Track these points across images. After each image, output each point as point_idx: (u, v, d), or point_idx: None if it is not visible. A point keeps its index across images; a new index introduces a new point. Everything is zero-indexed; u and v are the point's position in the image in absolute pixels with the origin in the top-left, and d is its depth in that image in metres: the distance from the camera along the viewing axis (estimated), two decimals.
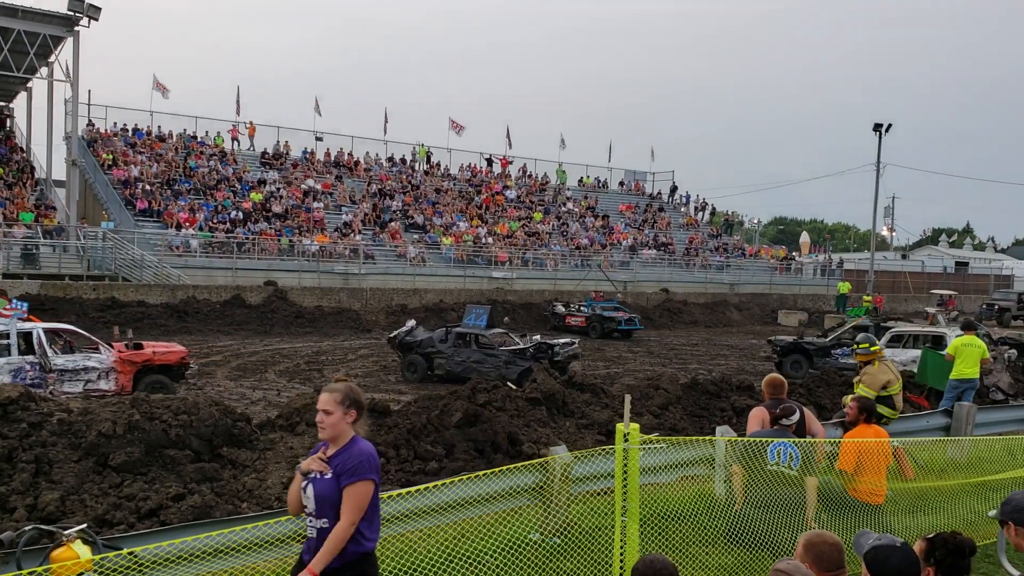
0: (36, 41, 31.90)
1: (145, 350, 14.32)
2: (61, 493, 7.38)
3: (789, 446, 6.55)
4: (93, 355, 13.73)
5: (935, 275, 60.25)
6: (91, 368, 13.57)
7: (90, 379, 13.53)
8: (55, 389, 12.93)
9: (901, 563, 3.28)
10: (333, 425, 3.97)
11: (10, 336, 12.95)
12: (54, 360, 13.23)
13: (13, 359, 12.86)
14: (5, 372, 12.68)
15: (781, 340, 20.92)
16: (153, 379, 14.08)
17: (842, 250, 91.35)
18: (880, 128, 45.60)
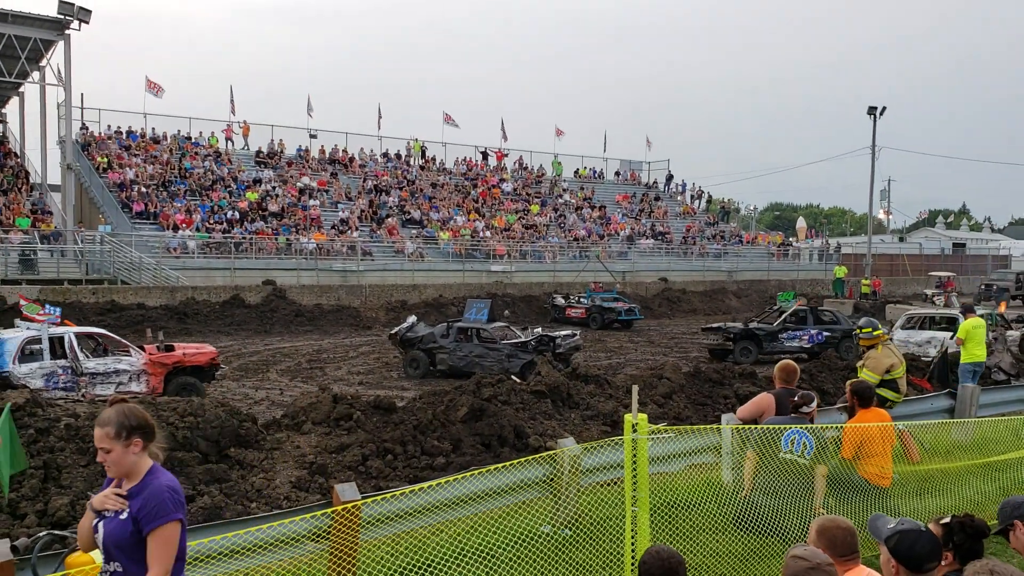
0: (27, 45, 31.79)
1: (176, 352, 14.44)
2: (71, 498, 7.39)
3: (804, 435, 6.56)
4: (124, 358, 13.86)
5: (933, 257, 60.32)
6: (122, 371, 13.69)
7: (121, 381, 13.63)
8: (87, 392, 13.09)
9: (928, 547, 3.30)
10: (117, 462, 3.41)
11: (42, 341, 13.09)
12: (85, 364, 13.35)
13: (45, 363, 13.02)
14: (38, 376, 12.85)
15: (732, 327, 21.36)
16: (183, 380, 14.20)
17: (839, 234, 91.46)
18: (874, 111, 45.61)
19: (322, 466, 8.59)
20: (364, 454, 8.97)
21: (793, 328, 21.19)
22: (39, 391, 12.00)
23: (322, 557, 5.68)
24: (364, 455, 8.96)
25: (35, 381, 12.72)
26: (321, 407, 9.84)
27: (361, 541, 5.77)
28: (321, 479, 8.39)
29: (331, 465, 8.69)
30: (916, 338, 18.99)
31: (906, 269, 54.70)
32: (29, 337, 13.15)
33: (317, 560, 5.70)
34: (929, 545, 3.31)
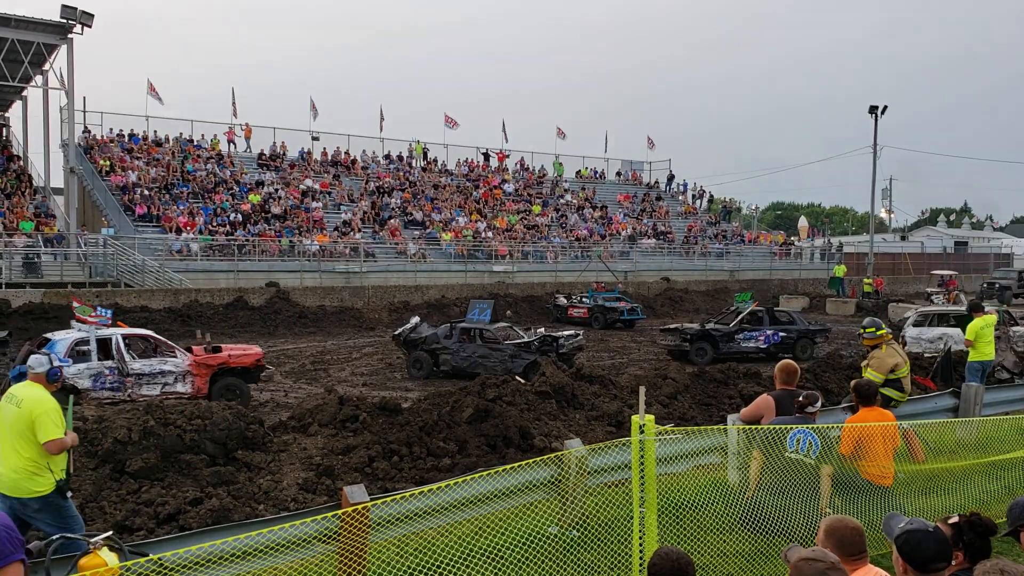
0: (30, 50, 31.87)
1: (221, 353, 14.61)
2: (80, 501, 7.44)
3: (809, 434, 6.59)
4: (169, 359, 14.09)
5: (935, 256, 60.30)
6: (167, 372, 13.94)
7: (167, 382, 13.91)
8: (133, 392, 13.46)
9: (934, 547, 3.31)
10: None
11: (90, 342, 13.37)
12: (131, 365, 13.62)
13: (93, 364, 13.33)
14: (86, 376, 13.19)
15: (689, 328, 21.57)
16: (229, 382, 14.40)
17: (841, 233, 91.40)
18: (876, 110, 45.59)
19: (329, 468, 8.63)
20: (370, 455, 9.02)
21: (749, 329, 21.45)
22: (87, 391, 12.92)
23: (331, 559, 5.72)
24: (370, 456, 9.00)
25: (83, 381, 13.10)
26: (327, 409, 9.88)
27: (369, 543, 5.81)
28: (328, 481, 8.43)
29: (338, 467, 8.73)
30: (928, 335, 19.35)
31: (908, 268, 54.67)
32: (78, 339, 13.43)
33: (326, 562, 5.74)
34: (935, 545, 3.32)
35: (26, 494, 5.98)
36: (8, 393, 6.26)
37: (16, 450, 5.97)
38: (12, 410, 6.04)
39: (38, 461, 5.99)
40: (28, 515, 6.02)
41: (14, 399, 6.10)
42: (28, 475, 5.96)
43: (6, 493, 6.02)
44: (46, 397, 6.11)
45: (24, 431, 5.97)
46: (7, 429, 6.03)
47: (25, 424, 5.96)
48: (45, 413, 5.99)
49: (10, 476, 5.98)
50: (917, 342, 19.44)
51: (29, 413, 5.97)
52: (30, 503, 5.98)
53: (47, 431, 5.96)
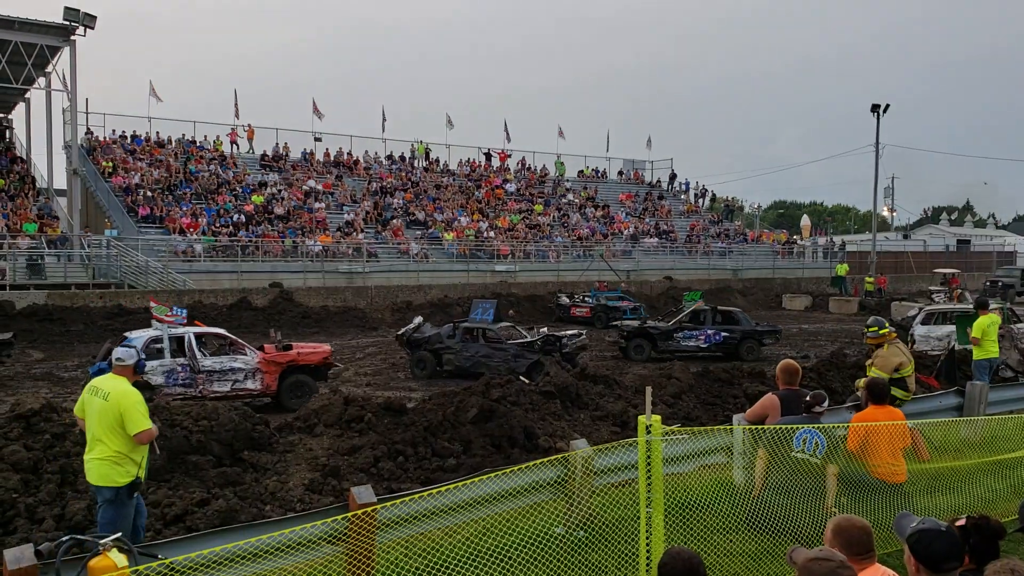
0: (33, 52, 31.94)
1: (291, 351, 14.89)
2: (87, 502, 7.45)
3: (816, 434, 6.60)
4: (239, 356, 14.44)
5: (937, 254, 60.21)
6: (237, 369, 14.29)
7: (237, 379, 14.26)
8: (204, 388, 13.86)
9: (946, 547, 3.32)
10: None
11: (163, 340, 13.78)
12: (202, 362, 14.00)
13: (166, 361, 13.75)
14: (159, 373, 13.57)
15: (627, 325, 21.79)
16: (297, 379, 14.67)
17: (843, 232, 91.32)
18: (878, 109, 45.55)
19: (335, 468, 8.65)
20: (376, 456, 9.04)
21: (690, 328, 21.60)
22: (160, 387, 13.37)
23: (338, 559, 5.74)
24: (376, 457, 9.03)
25: (156, 378, 13.50)
26: (333, 409, 9.91)
27: (376, 543, 5.83)
28: (334, 481, 8.45)
29: (343, 467, 8.75)
30: (936, 333, 19.43)
31: (911, 266, 54.62)
32: (152, 337, 13.87)
33: (333, 563, 5.76)
34: (948, 545, 3.33)
35: (108, 483, 6.15)
36: (91, 386, 6.42)
37: (103, 441, 6.17)
38: (99, 403, 6.22)
39: (124, 452, 6.19)
40: (99, 501, 6.23)
41: (100, 392, 6.27)
42: (112, 465, 6.16)
43: (92, 482, 6.23)
44: (132, 389, 6.32)
45: (113, 423, 6.15)
46: (95, 420, 6.21)
47: (113, 416, 6.15)
48: (133, 405, 6.20)
49: (96, 466, 6.18)
50: (926, 340, 19.50)
51: (117, 405, 6.16)
52: (104, 491, 6.18)
53: (136, 422, 6.17)
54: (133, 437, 6.18)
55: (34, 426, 8.29)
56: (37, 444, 8.04)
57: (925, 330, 19.94)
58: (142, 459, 6.35)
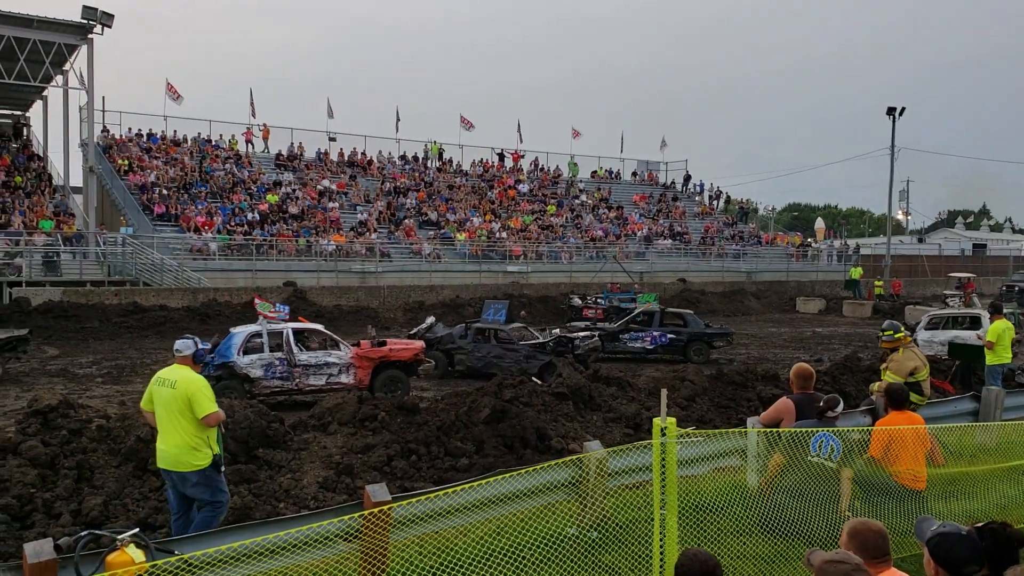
0: (51, 50, 32.16)
1: (384, 347, 15.35)
2: (104, 498, 7.53)
3: (831, 438, 6.59)
4: (334, 351, 14.94)
5: (952, 258, 59.90)
6: (332, 363, 14.77)
7: (331, 373, 14.75)
8: (300, 382, 14.49)
9: (966, 551, 3.31)
10: None
11: (263, 335, 14.36)
12: (299, 356, 14.53)
13: (264, 355, 14.30)
14: (257, 366, 14.18)
15: (575, 326, 21.69)
16: (390, 374, 15.11)
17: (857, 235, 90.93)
18: (893, 112, 45.39)
19: (348, 466, 8.69)
20: (389, 455, 9.07)
21: (637, 329, 21.59)
22: (259, 380, 14.09)
23: (352, 557, 5.77)
24: (389, 456, 9.06)
25: (255, 371, 14.16)
26: (347, 408, 9.94)
27: (391, 541, 5.85)
28: (348, 479, 8.48)
29: (357, 465, 8.78)
30: (940, 338, 19.21)
31: (925, 270, 54.34)
32: (252, 332, 14.53)
33: (347, 560, 5.79)
34: (968, 549, 3.32)
35: (187, 468, 6.46)
36: (157, 378, 6.69)
37: (176, 428, 6.47)
38: (167, 392, 6.51)
39: (198, 436, 6.50)
40: (187, 489, 6.51)
41: (167, 382, 6.57)
42: (189, 450, 6.46)
43: (169, 468, 6.51)
44: (197, 376, 6.65)
45: (183, 409, 6.46)
46: (164, 409, 6.50)
47: (183, 402, 6.46)
48: (199, 390, 6.51)
49: (172, 452, 6.48)
50: (929, 345, 19.36)
51: (185, 392, 6.47)
52: (190, 476, 6.47)
53: (203, 406, 6.48)
54: (202, 420, 6.48)
55: (51, 422, 8.36)
56: (54, 440, 8.11)
57: (928, 335, 19.71)
58: (216, 439, 6.68)
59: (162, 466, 6.58)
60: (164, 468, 6.57)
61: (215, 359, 13.92)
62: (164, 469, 6.58)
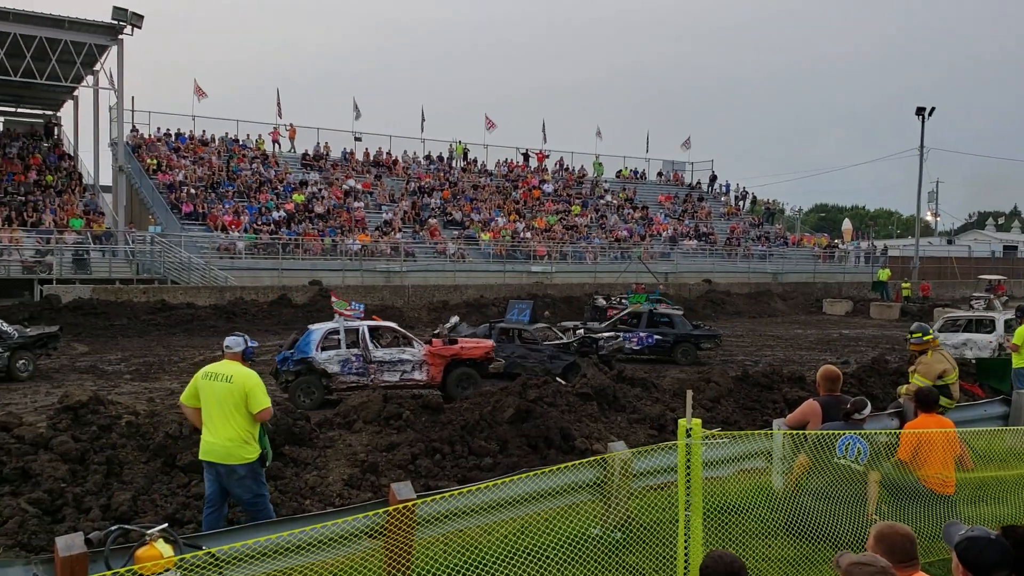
0: (82, 50, 32.60)
1: (455, 346, 15.67)
2: (133, 493, 7.62)
3: (858, 440, 6.54)
4: (407, 349, 15.31)
5: (983, 260, 59.19)
6: (405, 360, 15.14)
7: (405, 370, 15.11)
8: (375, 378, 14.79)
9: (996, 555, 3.27)
10: None
11: (340, 332, 14.89)
12: (374, 353, 14.92)
13: (341, 352, 14.76)
14: (335, 362, 14.61)
15: (564, 326, 21.43)
16: (462, 371, 15.47)
17: (885, 236, 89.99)
18: (923, 112, 44.90)
19: (373, 464, 8.73)
20: (413, 453, 9.11)
21: (624, 330, 21.42)
22: (336, 375, 14.53)
23: (377, 554, 5.80)
24: (413, 454, 9.10)
25: (332, 366, 14.58)
26: (372, 406, 10.00)
27: (415, 539, 5.88)
28: (372, 477, 8.53)
29: (382, 463, 8.83)
30: (953, 340, 18.88)
31: (955, 272, 53.69)
32: (330, 329, 15.01)
33: (372, 557, 5.82)
34: (997, 553, 3.28)
35: (238, 461, 6.58)
36: (207, 372, 6.79)
37: (229, 422, 6.59)
38: (222, 386, 6.63)
39: (249, 430, 6.66)
40: (233, 482, 6.62)
41: (221, 376, 6.69)
42: (241, 443, 6.60)
43: (219, 461, 6.60)
44: (252, 371, 6.79)
45: (238, 403, 6.60)
46: (216, 403, 6.61)
47: (239, 397, 6.60)
48: (256, 385, 6.68)
49: (224, 445, 6.59)
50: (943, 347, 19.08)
51: (242, 387, 6.61)
52: (238, 469, 6.60)
53: (260, 400, 6.65)
54: (255, 415, 6.65)
55: (82, 418, 8.47)
56: (84, 435, 8.22)
57: (942, 337, 19.45)
58: (262, 434, 6.85)
59: (209, 459, 6.66)
60: (211, 461, 6.65)
61: (294, 354, 14.56)
62: (210, 462, 6.66)
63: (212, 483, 6.73)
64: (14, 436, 8.10)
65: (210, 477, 6.70)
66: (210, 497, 6.77)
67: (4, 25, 30.44)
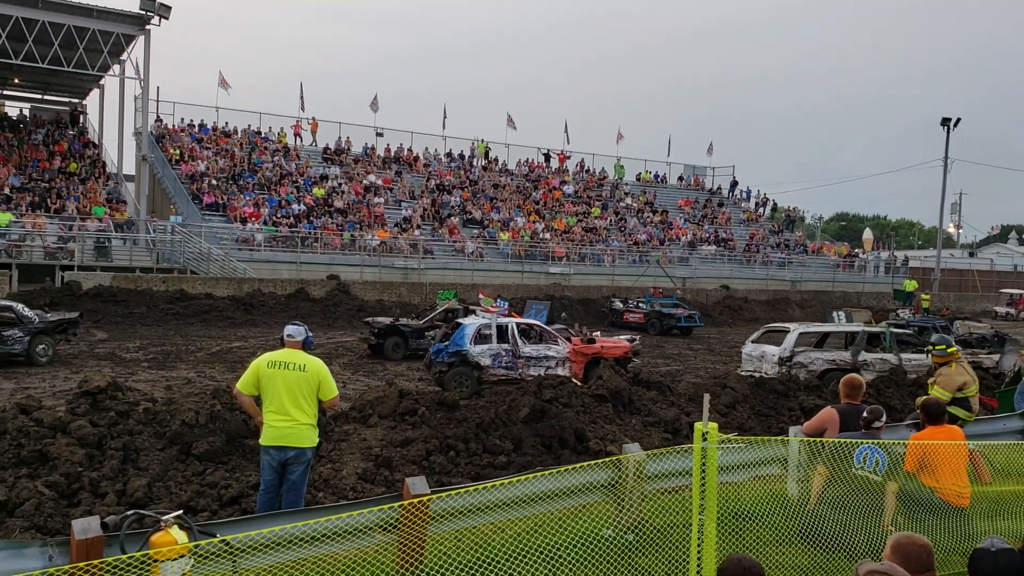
0: (109, 40, 32.84)
1: (595, 344, 16.41)
2: (148, 480, 7.67)
3: (876, 451, 6.49)
4: (552, 346, 16.11)
5: (1005, 273, 58.61)
6: (551, 356, 15.91)
7: (549, 365, 15.80)
8: (523, 372, 15.46)
9: (1010, 567, 3.25)
10: None
11: (491, 328, 15.71)
12: (523, 348, 15.74)
13: (493, 346, 15.58)
14: (487, 355, 15.49)
15: (379, 322, 21.29)
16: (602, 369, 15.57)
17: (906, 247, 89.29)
18: (948, 123, 44.54)
19: (387, 459, 8.75)
20: (428, 449, 9.11)
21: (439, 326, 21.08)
22: (487, 368, 15.42)
23: (390, 548, 5.81)
24: (428, 450, 9.10)
25: (484, 359, 15.46)
26: (387, 402, 10.02)
27: (428, 534, 5.89)
28: (386, 472, 8.55)
29: (396, 459, 8.84)
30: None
31: (976, 285, 53.24)
32: (482, 324, 15.88)
33: (384, 551, 5.83)
34: (1011, 566, 3.26)
35: (309, 444, 6.84)
36: (273, 361, 6.89)
37: (302, 408, 6.78)
38: (295, 374, 6.82)
39: (316, 416, 6.94)
40: (299, 465, 6.80)
41: (292, 365, 6.84)
42: (311, 428, 6.86)
43: (293, 445, 6.76)
44: (321, 361, 7.02)
45: (313, 390, 6.84)
46: (288, 390, 6.77)
47: (313, 384, 6.83)
48: (328, 374, 6.96)
49: (296, 429, 6.77)
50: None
51: (316, 375, 6.85)
52: (307, 451, 6.84)
53: (333, 388, 6.96)
54: (327, 401, 6.96)
55: (100, 403, 8.53)
56: (102, 421, 8.28)
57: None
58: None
59: (281, 443, 6.75)
60: (282, 445, 6.74)
61: (449, 347, 15.43)
62: (278, 447, 6.75)
63: (272, 470, 6.80)
64: (33, 419, 8.16)
65: (271, 464, 6.77)
66: (270, 483, 6.84)
67: (33, 12, 30.72)
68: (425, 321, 21.57)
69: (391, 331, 20.71)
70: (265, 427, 6.80)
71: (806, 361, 15.65)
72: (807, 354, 15.89)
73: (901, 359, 16.00)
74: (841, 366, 15.46)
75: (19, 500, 7.00)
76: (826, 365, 15.66)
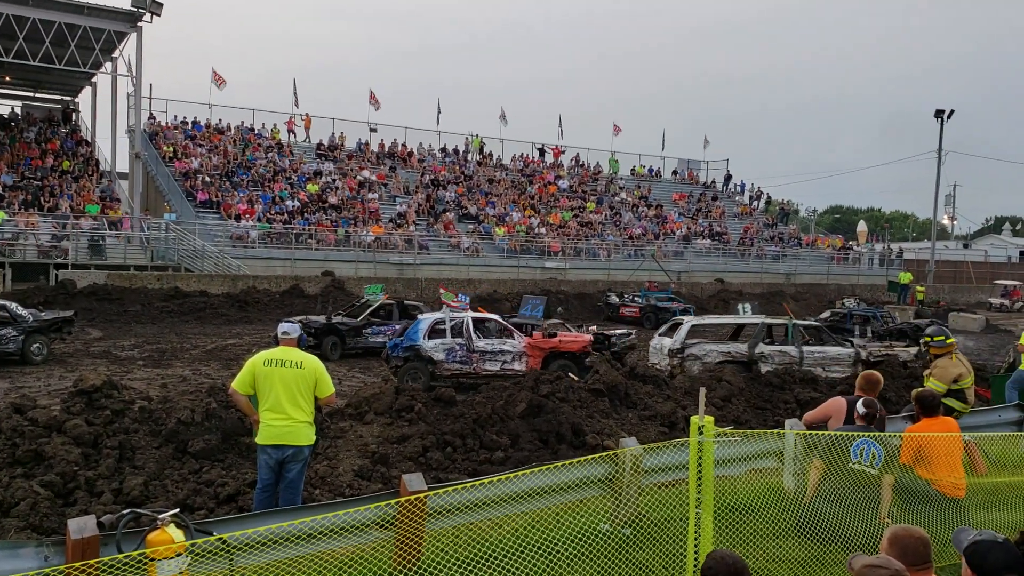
0: (101, 37, 32.66)
1: (554, 339, 16.17)
2: (144, 478, 7.65)
3: (872, 444, 6.49)
4: (508, 340, 15.91)
5: (999, 265, 58.77)
6: (506, 351, 15.71)
7: (505, 360, 15.66)
8: (478, 367, 15.45)
9: (1002, 558, 3.25)
10: None
11: (445, 322, 15.59)
12: (477, 343, 15.54)
13: (447, 340, 15.41)
14: (440, 350, 15.31)
15: (315, 321, 20.55)
16: (561, 363, 15.63)
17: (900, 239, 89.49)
18: (942, 115, 44.59)
19: (384, 456, 8.74)
20: (424, 445, 9.11)
21: (378, 323, 20.85)
22: (441, 362, 15.21)
23: (387, 544, 5.81)
24: (424, 447, 9.10)
25: (438, 354, 15.27)
26: (384, 398, 10.01)
27: (425, 530, 5.89)
28: (383, 468, 8.54)
29: (392, 455, 8.84)
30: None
31: (970, 277, 53.38)
32: (436, 319, 15.77)
33: (382, 547, 5.83)
34: (1004, 557, 3.27)
35: (307, 442, 6.81)
36: (269, 358, 6.85)
37: (299, 405, 6.77)
38: (292, 372, 6.79)
39: (312, 414, 6.91)
40: (297, 463, 6.77)
41: (288, 362, 6.82)
42: (308, 425, 6.83)
43: (290, 443, 6.72)
44: (317, 358, 7.01)
45: (310, 387, 6.83)
46: (284, 388, 6.76)
47: (311, 381, 6.83)
48: (324, 371, 6.95)
49: (294, 427, 6.75)
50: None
51: (313, 372, 6.84)
52: (305, 449, 6.82)
53: (330, 385, 6.95)
54: (324, 399, 6.95)
55: (95, 402, 8.51)
56: (97, 419, 8.26)
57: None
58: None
59: (278, 442, 6.71)
60: (280, 444, 6.71)
61: (403, 342, 15.30)
62: (275, 445, 6.71)
63: (269, 469, 6.76)
64: (28, 418, 8.14)
65: (268, 462, 6.72)
66: (267, 482, 6.81)
67: (24, 10, 30.54)
68: (362, 319, 20.98)
69: (328, 331, 20.04)
70: (262, 426, 6.75)
71: (700, 353, 15.52)
72: (701, 346, 15.78)
73: (803, 352, 15.83)
74: (737, 358, 15.34)
75: (14, 500, 6.98)
76: (721, 357, 15.42)
